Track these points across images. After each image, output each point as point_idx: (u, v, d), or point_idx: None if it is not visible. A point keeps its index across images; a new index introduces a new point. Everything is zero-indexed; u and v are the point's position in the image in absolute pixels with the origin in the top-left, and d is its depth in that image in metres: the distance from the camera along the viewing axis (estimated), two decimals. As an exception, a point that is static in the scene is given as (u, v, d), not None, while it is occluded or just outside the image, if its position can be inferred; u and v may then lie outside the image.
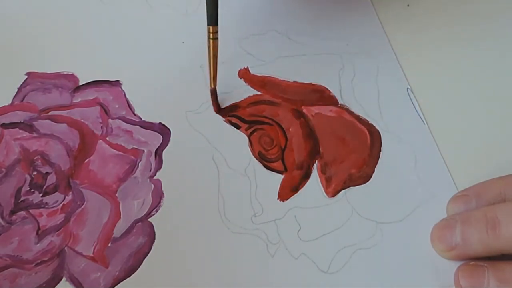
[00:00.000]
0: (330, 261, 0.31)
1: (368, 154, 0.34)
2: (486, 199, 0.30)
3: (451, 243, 0.29)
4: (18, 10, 0.40)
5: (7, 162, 0.34)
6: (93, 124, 0.35)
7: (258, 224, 0.32)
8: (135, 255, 0.31)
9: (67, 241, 0.31)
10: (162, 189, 0.33)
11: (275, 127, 0.35)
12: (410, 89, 0.36)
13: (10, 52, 0.38)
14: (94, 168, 0.33)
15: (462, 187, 0.32)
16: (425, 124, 0.35)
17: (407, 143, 0.34)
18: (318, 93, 0.36)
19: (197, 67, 0.37)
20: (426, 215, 0.31)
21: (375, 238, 0.31)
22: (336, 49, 0.38)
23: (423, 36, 0.38)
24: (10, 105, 0.36)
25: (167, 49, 0.38)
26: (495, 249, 0.28)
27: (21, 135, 0.35)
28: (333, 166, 0.33)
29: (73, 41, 0.38)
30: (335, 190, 0.33)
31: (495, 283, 0.28)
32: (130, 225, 0.32)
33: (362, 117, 0.35)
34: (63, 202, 0.32)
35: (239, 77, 0.36)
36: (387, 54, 0.38)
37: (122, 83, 0.36)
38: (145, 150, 0.34)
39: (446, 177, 0.33)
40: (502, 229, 0.28)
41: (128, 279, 0.30)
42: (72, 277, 0.30)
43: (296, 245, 0.31)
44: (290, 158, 0.34)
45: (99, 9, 0.40)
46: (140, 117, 0.35)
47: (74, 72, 0.37)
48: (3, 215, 0.32)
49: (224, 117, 0.35)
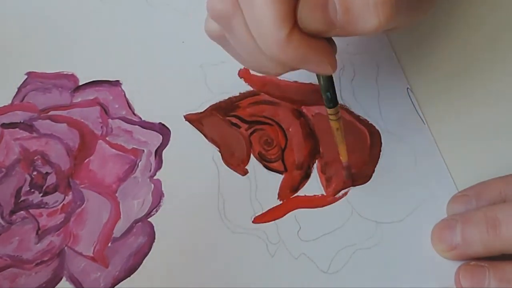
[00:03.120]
0: (330, 261, 0.31)
1: (368, 154, 0.34)
2: (486, 199, 0.30)
3: (452, 243, 0.29)
4: (18, 10, 0.40)
5: (7, 162, 0.34)
6: (93, 124, 0.35)
7: (258, 224, 0.32)
8: (135, 255, 0.31)
9: (67, 241, 0.31)
10: (162, 189, 0.33)
11: (275, 127, 0.35)
12: (410, 89, 0.36)
13: (10, 52, 0.38)
14: (94, 168, 0.33)
15: (462, 187, 0.32)
16: (425, 124, 0.35)
17: (407, 143, 0.34)
18: (318, 93, 0.36)
19: (197, 67, 0.37)
20: (426, 215, 0.31)
21: (375, 238, 0.31)
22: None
23: (423, 36, 0.38)
24: (10, 105, 0.36)
25: (167, 49, 0.38)
26: (496, 249, 0.28)
27: (21, 135, 0.35)
28: (333, 166, 0.33)
29: (73, 41, 0.38)
30: (335, 190, 0.33)
31: (495, 283, 0.28)
32: (130, 225, 0.32)
33: (362, 117, 0.35)
34: (63, 202, 0.32)
35: (239, 77, 0.36)
36: (387, 54, 0.38)
37: (122, 83, 0.36)
38: (145, 150, 0.34)
39: (446, 177, 0.33)
40: (502, 229, 0.28)
41: (128, 279, 0.30)
42: (72, 277, 0.30)
43: (296, 245, 0.31)
44: (290, 158, 0.34)
45: (99, 9, 0.40)
46: (140, 117, 0.35)
47: (74, 72, 0.37)
48: (3, 215, 0.32)
49: (224, 117, 0.35)
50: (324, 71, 0.26)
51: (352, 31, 0.24)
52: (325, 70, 0.26)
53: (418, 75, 0.37)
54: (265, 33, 0.24)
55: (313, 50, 0.25)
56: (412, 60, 0.37)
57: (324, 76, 0.28)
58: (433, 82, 0.36)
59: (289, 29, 0.23)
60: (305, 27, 0.24)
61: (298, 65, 0.26)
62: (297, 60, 0.25)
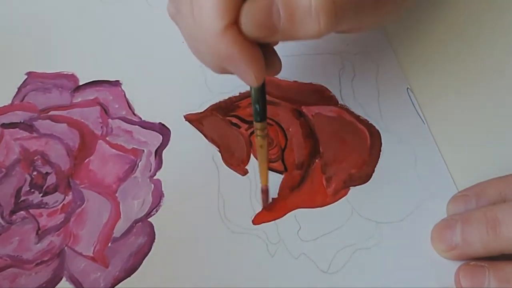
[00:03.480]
0: (330, 261, 0.31)
1: (368, 154, 0.34)
2: (486, 199, 0.30)
3: (452, 243, 0.29)
4: (18, 10, 0.40)
5: (7, 162, 0.34)
6: (93, 124, 0.35)
7: (258, 224, 0.32)
8: (135, 255, 0.31)
9: (67, 241, 0.31)
10: (162, 189, 0.33)
11: (275, 127, 0.35)
12: (410, 89, 0.36)
13: (10, 52, 0.38)
14: (94, 168, 0.33)
15: (462, 187, 0.32)
16: (425, 124, 0.35)
17: (407, 143, 0.34)
18: (318, 93, 0.36)
19: (197, 67, 0.37)
20: (426, 215, 0.31)
21: (375, 238, 0.31)
22: (336, 49, 0.38)
23: (423, 36, 0.38)
24: (10, 105, 0.36)
25: (167, 49, 0.38)
26: (496, 249, 0.28)
27: (21, 135, 0.35)
28: (333, 166, 0.33)
29: (73, 41, 0.38)
30: (335, 190, 0.33)
31: (495, 283, 0.28)
32: (130, 225, 0.32)
33: (362, 117, 0.35)
34: (63, 202, 0.32)
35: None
36: (387, 54, 0.38)
37: (122, 83, 0.36)
38: (145, 150, 0.34)
39: (446, 177, 0.33)
40: (502, 229, 0.28)
41: (128, 279, 0.30)
42: (72, 277, 0.30)
43: (296, 245, 0.31)
44: (290, 158, 0.34)
45: (99, 9, 0.40)
46: (140, 117, 0.35)
47: (74, 72, 0.37)
48: (3, 215, 0.32)
49: (224, 117, 0.35)
50: (248, 81, 0.26)
51: (293, 36, 0.25)
52: (250, 80, 0.26)
53: (418, 75, 0.37)
54: (204, 20, 0.24)
55: (244, 54, 0.24)
56: (412, 60, 0.37)
57: (257, 89, 0.27)
58: (433, 82, 0.36)
59: (226, 23, 0.24)
60: (246, 30, 0.24)
61: (226, 65, 0.25)
62: (226, 58, 0.25)
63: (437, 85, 0.36)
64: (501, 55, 0.37)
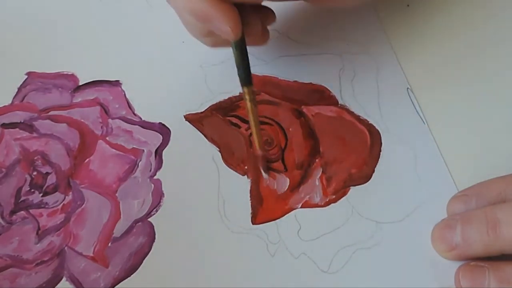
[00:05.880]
0: (330, 261, 0.31)
1: (368, 154, 0.34)
2: (486, 199, 0.30)
3: (452, 243, 0.29)
4: (18, 10, 0.40)
5: (7, 162, 0.34)
6: (93, 124, 0.35)
7: (258, 224, 0.32)
8: (135, 255, 0.31)
9: (67, 241, 0.31)
10: (162, 189, 0.33)
11: (275, 127, 0.35)
12: (410, 89, 0.36)
13: (10, 52, 0.38)
14: (94, 168, 0.33)
15: (462, 187, 0.32)
16: (425, 124, 0.35)
17: (407, 143, 0.34)
18: (318, 93, 0.36)
19: (197, 67, 0.37)
20: (426, 215, 0.31)
21: (375, 238, 0.31)
22: (336, 49, 0.38)
23: (423, 36, 0.38)
24: (10, 105, 0.36)
25: (167, 49, 0.38)
26: (496, 249, 0.28)
27: (21, 135, 0.35)
28: (333, 166, 0.33)
29: (73, 41, 0.39)
30: (335, 190, 0.33)
31: (495, 284, 0.28)
32: (130, 225, 0.32)
33: (362, 117, 0.35)
34: (63, 202, 0.32)
35: (239, 77, 0.36)
36: (387, 54, 0.38)
37: (122, 83, 0.36)
38: (145, 150, 0.34)
39: (446, 177, 0.33)
40: (502, 229, 0.28)
41: (128, 279, 0.30)
42: (72, 277, 0.30)
43: (296, 244, 0.31)
44: (290, 158, 0.34)
45: (99, 9, 0.40)
46: (140, 117, 0.35)
47: (74, 72, 0.37)
48: (3, 215, 0.32)
49: (224, 117, 0.35)
50: (225, 34, 0.28)
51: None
52: (226, 33, 0.28)
53: (418, 75, 0.37)
54: None
55: (217, 9, 0.27)
56: (412, 60, 0.37)
57: (238, 51, 0.29)
58: (433, 82, 0.36)
59: None
60: None
61: (207, 23, 0.28)
62: (203, 16, 0.27)
63: (437, 85, 0.36)
64: (501, 55, 0.37)
